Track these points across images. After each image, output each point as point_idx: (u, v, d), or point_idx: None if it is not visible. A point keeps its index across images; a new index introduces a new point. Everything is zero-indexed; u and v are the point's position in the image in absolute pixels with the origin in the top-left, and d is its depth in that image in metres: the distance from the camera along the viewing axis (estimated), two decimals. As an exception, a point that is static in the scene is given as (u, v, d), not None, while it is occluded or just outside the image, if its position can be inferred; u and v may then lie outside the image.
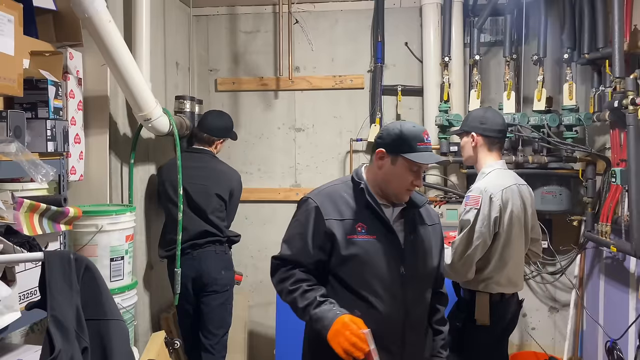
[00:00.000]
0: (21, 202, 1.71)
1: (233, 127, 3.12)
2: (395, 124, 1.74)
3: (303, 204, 1.76)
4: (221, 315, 2.92)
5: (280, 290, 1.75)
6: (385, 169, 1.69)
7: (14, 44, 1.73)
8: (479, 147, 2.27)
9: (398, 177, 1.68)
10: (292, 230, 1.76)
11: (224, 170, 2.99)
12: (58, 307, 1.33)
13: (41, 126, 1.89)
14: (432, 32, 3.33)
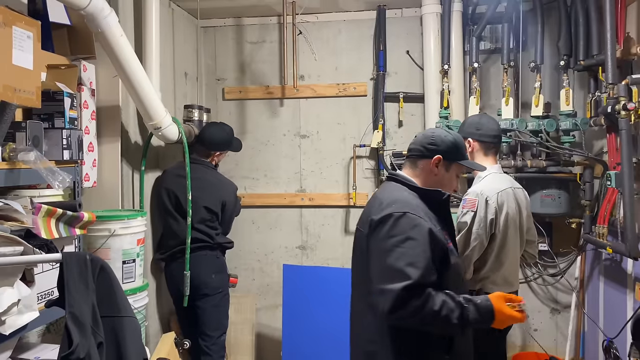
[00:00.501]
0: (39, 207, 1.81)
1: (232, 139, 3.16)
2: (442, 131, 1.84)
3: (405, 220, 1.61)
4: (216, 318, 2.99)
5: (422, 317, 1.55)
6: (441, 174, 1.79)
7: (32, 59, 1.84)
8: (475, 152, 2.36)
9: (449, 182, 1.82)
10: (412, 251, 1.57)
11: (216, 183, 3.04)
12: (76, 305, 1.43)
13: (57, 135, 2.00)
14: (433, 40, 3.42)
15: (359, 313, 1.77)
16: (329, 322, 3.20)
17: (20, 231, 1.67)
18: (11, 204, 1.65)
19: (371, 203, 1.79)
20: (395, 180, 1.80)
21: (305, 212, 3.85)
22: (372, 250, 1.65)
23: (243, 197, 3.79)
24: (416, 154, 1.81)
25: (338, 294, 3.21)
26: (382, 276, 1.58)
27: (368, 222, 1.69)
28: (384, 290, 1.55)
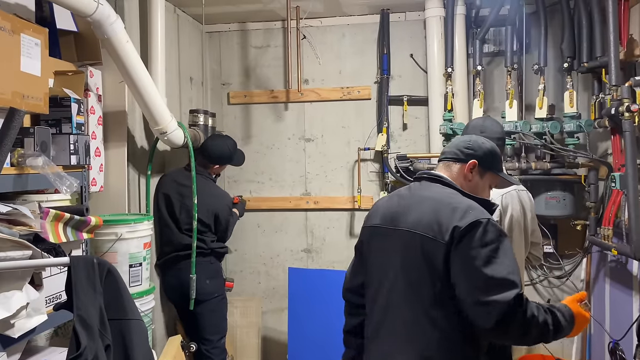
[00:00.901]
0: (47, 212, 1.83)
1: (233, 154, 3.15)
2: (481, 138, 1.79)
3: (492, 226, 1.54)
4: (214, 322, 3.00)
5: (528, 326, 1.49)
6: (475, 180, 1.73)
7: (40, 65, 1.87)
8: None
9: (482, 191, 1.76)
10: (508, 258, 1.52)
11: (208, 195, 2.99)
12: (83, 308, 1.44)
13: (65, 141, 2.02)
14: (436, 44, 3.43)
15: (413, 325, 1.62)
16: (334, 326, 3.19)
17: (28, 235, 1.69)
18: (20, 209, 1.67)
19: (430, 206, 1.63)
20: (442, 183, 1.70)
21: (310, 215, 3.87)
22: (459, 260, 1.53)
23: (248, 200, 3.81)
24: (451, 157, 1.75)
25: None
26: (485, 288, 1.48)
27: (447, 229, 1.55)
28: (490, 302, 1.46)
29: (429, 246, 1.58)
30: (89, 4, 2.10)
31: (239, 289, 3.95)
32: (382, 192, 3.65)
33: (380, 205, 1.82)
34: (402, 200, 1.73)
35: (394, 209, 1.72)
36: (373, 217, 1.79)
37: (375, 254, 1.75)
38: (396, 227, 1.68)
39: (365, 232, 1.81)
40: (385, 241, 1.71)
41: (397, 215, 1.69)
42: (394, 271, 1.66)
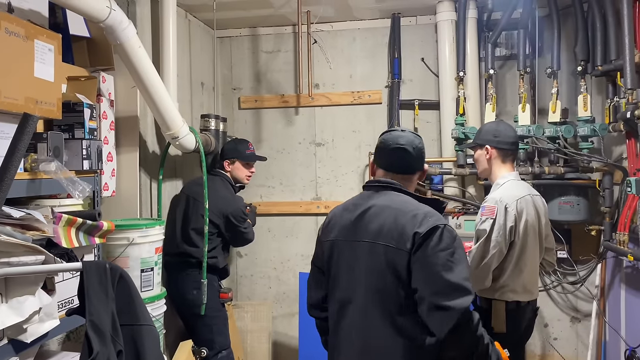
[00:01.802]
0: (60, 216, 1.84)
1: (241, 149, 3.11)
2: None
3: (448, 232, 1.61)
4: (207, 337, 2.89)
5: (475, 335, 1.57)
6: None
7: (53, 71, 1.88)
8: (493, 160, 2.34)
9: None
10: (462, 264, 1.59)
11: (221, 197, 2.94)
12: (96, 313, 1.44)
13: (77, 146, 2.03)
14: (448, 47, 3.41)
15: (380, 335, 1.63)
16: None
17: (41, 240, 1.69)
18: (33, 214, 1.67)
19: (390, 215, 1.63)
20: (397, 190, 1.71)
21: (320, 220, 3.83)
22: (419, 265, 1.56)
23: (259, 205, 3.80)
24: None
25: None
26: (443, 292, 1.50)
27: (408, 236, 1.57)
28: (448, 307, 1.48)
29: (392, 255, 1.60)
30: (102, 10, 2.11)
31: (249, 293, 3.95)
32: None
33: (335, 217, 1.80)
34: (357, 211, 1.72)
35: (351, 220, 1.72)
36: (330, 230, 1.79)
37: (338, 267, 1.74)
38: (357, 239, 1.69)
39: (325, 246, 1.79)
40: (347, 254, 1.72)
41: (356, 227, 1.70)
42: (359, 283, 1.67)
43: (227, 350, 2.98)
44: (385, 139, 1.78)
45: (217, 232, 2.93)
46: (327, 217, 1.84)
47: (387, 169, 1.76)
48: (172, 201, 3.02)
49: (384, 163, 1.78)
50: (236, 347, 3.39)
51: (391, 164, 1.76)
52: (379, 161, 1.80)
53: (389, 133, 1.80)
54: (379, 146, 1.80)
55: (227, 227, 2.95)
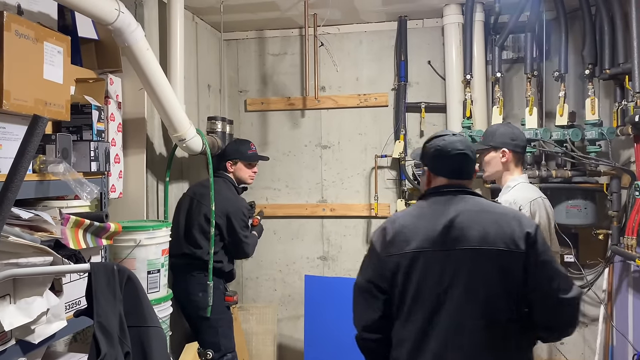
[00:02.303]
0: (68, 218, 1.84)
1: (246, 150, 3.09)
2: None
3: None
4: (211, 340, 2.87)
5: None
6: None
7: (62, 73, 1.89)
8: (509, 163, 2.34)
9: None
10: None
11: (223, 197, 2.91)
12: (103, 314, 1.44)
13: (85, 147, 2.03)
14: (454, 50, 3.41)
15: (488, 342, 1.58)
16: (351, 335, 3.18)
17: (49, 241, 1.70)
18: (41, 215, 1.68)
19: (489, 219, 1.62)
20: (472, 194, 1.72)
21: (326, 222, 3.85)
22: (539, 264, 1.58)
23: (265, 207, 3.81)
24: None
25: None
26: (565, 287, 1.58)
27: (520, 237, 1.58)
28: (572, 299, 1.58)
29: (507, 258, 1.58)
30: (111, 13, 2.11)
31: (254, 296, 3.95)
32: (400, 199, 3.62)
33: (408, 227, 1.67)
34: (442, 218, 1.64)
35: (438, 229, 1.62)
36: (405, 242, 1.64)
37: (423, 281, 1.61)
38: (454, 247, 1.60)
39: (400, 260, 1.63)
40: (439, 265, 1.61)
41: (448, 236, 1.61)
42: (457, 295, 1.58)
43: (232, 353, 2.98)
44: (443, 145, 1.71)
45: (219, 235, 2.90)
46: (390, 230, 1.68)
47: (452, 175, 1.72)
48: (177, 203, 3.02)
49: (446, 170, 1.72)
50: (241, 349, 3.39)
51: (455, 171, 1.72)
52: (439, 168, 1.73)
53: (442, 139, 1.73)
54: (436, 154, 1.72)
55: (228, 229, 2.90)
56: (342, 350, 3.23)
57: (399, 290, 1.64)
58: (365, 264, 1.73)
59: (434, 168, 1.75)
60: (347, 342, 3.22)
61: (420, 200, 1.77)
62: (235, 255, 3.02)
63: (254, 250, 3.10)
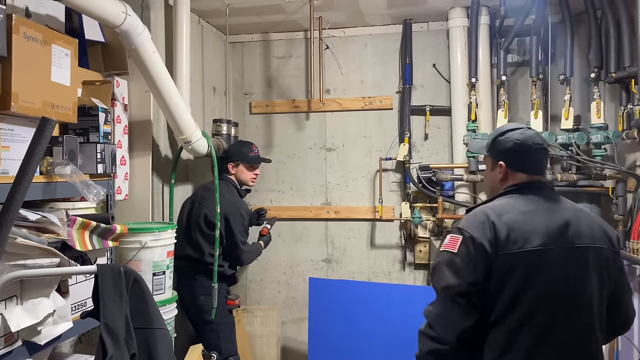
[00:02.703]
0: (74, 219, 1.85)
1: (244, 151, 3.10)
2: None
3: None
4: (213, 343, 2.87)
5: None
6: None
7: (70, 75, 1.90)
8: None
9: None
10: None
11: (225, 200, 2.88)
12: (110, 316, 1.45)
13: (92, 150, 2.04)
14: (460, 53, 3.41)
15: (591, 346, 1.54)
16: (356, 337, 3.18)
17: (56, 243, 1.71)
18: (48, 217, 1.69)
19: (585, 217, 1.58)
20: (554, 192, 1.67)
21: (330, 225, 3.85)
22: (622, 268, 1.60)
23: (269, 209, 3.80)
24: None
25: (365, 308, 3.19)
26: (630, 294, 1.62)
27: (613, 238, 1.59)
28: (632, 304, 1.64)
29: (611, 259, 1.57)
30: (118, 15, 2.13)
31: (258, 298, 3.95)
32: (404, 202, 3.62)
33: (519, 224, 1.52)
34: (556, 214, 1.56)
35: (557, 225, 1.52)
36: (529, 238, 1.49)
37: (547, 279, 1.48)
38: (573, 244, 1.52)
39: (524, 258, 1.48)
40: (564, 264, 1.50)
41: (567, 232, 1.52)
42: (588, 293, 1.51)
43: (235, 356, 2.98)
44: (523, 139, 1.62)
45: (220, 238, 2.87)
46: (500, 224, 1.51)
47: (532, 171, 1.64)
48: (182, 205, 3.03)
49: (528, 165, 1.64)
50: (245, 352, 3.39)
51: (537, 166, 1.65)
52: (520, 164, 1.64)
53: (520, 133, 1.64)
54: (515, 148, 1.63)
55: (226, 232, 2.88)
56: (346, 353, 3.22)
57: (509, 293, 1.47)
58: (457, 264, 1.50)
59: (513, 163, 1.64)
60: (351, 345, 3.23)
61: (506, 196, 1.63)
62: (230, 260, 2.96)
63: (251, 260, 3.09)
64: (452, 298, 1.49)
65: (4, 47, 1.59)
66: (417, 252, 3.66)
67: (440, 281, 1.52)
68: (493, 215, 1.54)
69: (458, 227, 1.56)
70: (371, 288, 3.41)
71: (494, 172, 1.70)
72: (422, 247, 3.65)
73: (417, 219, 3.52)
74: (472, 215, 1.59)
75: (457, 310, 1.48)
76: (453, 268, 1.51)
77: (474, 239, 1.50)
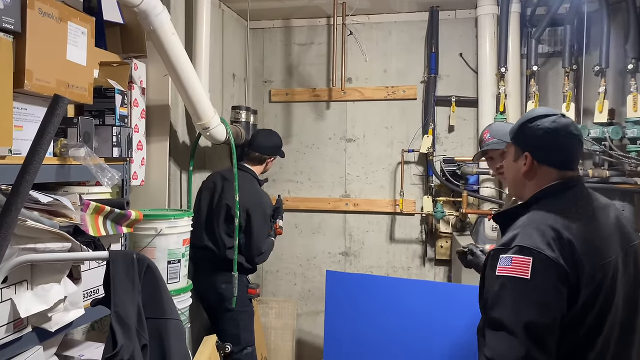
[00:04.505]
0: (88, 204, 1.79)
1: (281, 145, 3.07)
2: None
3: None
4: (232, 332, 2.81)
5: None
6: None
7: (86, 55, 1.83)
8: None
9: None
10: None
11: (248, 193, 2.81)
12: (121, 305, 1.39)
13: (108, 132, 1.98)
14: (488, 42, 3.28)
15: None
16: (373, 332, 3.10)
17: (68, 227, 1.65)
18: (60, 200, 1.63)
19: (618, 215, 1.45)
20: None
21: (349, 217, 3.77)
22: None
23: (286, 200, 3.74)
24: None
25: (383, 303, 3.11)
26: None
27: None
28: None
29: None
30: (136, -6, 2.06)
31: (274, 289, 3.89)
32: (426, 196, 3.52)
33: (590, 230, 1.35)
34: (607, 215, 1.42)
35: (611, 227, 1.40)
36: (602, 248, 1.33)
37: (617, 292, 1.33)
38: (630, 243, 1.42)
39: (605, 271, 1.31)
40: (624, 270, 1.37)
41: (621, 233, 1.41)
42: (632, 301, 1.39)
43: (252, 347, 2.92)
44: (555, 128, 1.40)
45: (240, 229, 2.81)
46: (574, 238, 1.29)
47: (565, 166, 1.43)
48: (198, 192, 2.95)
49: (560, 159, 1.43)
50: (259, 344, 3.33)
51: (570, 161, 1.44)
52: (549, 157, 1.43)
53: (552, 120, 1.42)
54: (546, 138, 1.41)
55: (246, 226, 2.79)
56: (363, 347, 3.15)
57: (596, 311, 1.28)
58: (537, 294, 1.24)
59: (541, 155, 1.43)
60: (368, 340, 3.15)
61: (551, 198, 1.41)
62: (247, 253, 2.84)
63: (264, 260, 2.98)
64: (537, 337, 1.22)
65: (18, 22, 1.52)
66: (438, 247, 3.56)
67: (516, 316, 1.24)
68: (561, 226, 1.30)
69: (522, 245, 1.29)
70: (390, 283, 3.32)
71: (517, 163, 1.48)
72: (444, 242, 3.55)
73: (440, 214, 3.41)
74: (534, 229, 1.32)
75: (540, 351, 1.22)
76: (532, 299, 1.24)
77: (551, 260, 1.25)
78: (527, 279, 1.24)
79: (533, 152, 1.44)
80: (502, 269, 1.30)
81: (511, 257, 1.29)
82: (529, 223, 1.35)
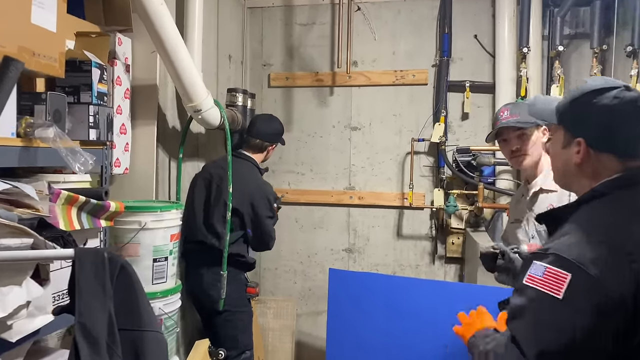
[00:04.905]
0: (58, 193, 1.54)
1: (282, 131, 2.85)
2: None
3: None
4: (229, 334, 2.61)
5: None
6: None
7: (56, 20, 1.58)
8: None
9: None
10: None
11: (250, 183, 2.64)
12: (87, 314, 1.15)
13: (83, 111, 1.73)
14: (507, 23, 3.04)
15: None
16: (378, 335, 2.89)
17: (31, 220, 1.40)
18: (21, 187, 1.37)
19: None
20: None
21: (353, 211, 3.52)
22: None
23: (286, 193, 3.50)
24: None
25: (389, 304, 2.89)
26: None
27: None
28: None
29: None
30: (117, -47, 1.80)
31: (272, 288, 3.66)
32: (437, 189, 3.27)
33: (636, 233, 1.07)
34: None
35: None
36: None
37: None
38: None
39: None
40: None
41: None
42: None
43: (250, 351, 2.68)
44: (616, 105, 1.12)
45: (240, 223, 2.58)
46: (621, 254, 1.01)
47: (630, 153, 1.15)
48: (191, 183, 2.68)
49: (629, 146, 1.15)
50: (257, 346, 3.11)
51: (637, 146, 1.16)
52: (612, 142, 1.15)
53: (614, 96, 1.12)
54: (605, 118, 1.13)
55: (253, 219, 2.59)
56: (367, 351, 2.94)
57: None
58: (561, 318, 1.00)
59: (599, 140, 1.15)
60: (373, 344, 2.94)
61: (604, 198, 1.14)
62: (256, 247, 2.72)
63: (273, 243, 2.79)
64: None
65: (-33, -27, 1.27)
66: (449, 244, 3.32)
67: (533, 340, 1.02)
68: (621, 235, 1.04)
69: (560, 255, 1.04)
70: (397, 282, 3.11)
71: (568, 151, 1.19)
72: (455, 239, 3.31)
73: (452, 208, 3.16)
74: (583, 236, 1.06)
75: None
76: (557, 325, 1.00)
77: (597, 282, 0.98)
78: (558, 298, 1.00)
79: (588, 138, 1.16)
80: (532, 279, 1.06)
81: (545, 266, 1.05)
82: (577, 228, 1.09)
